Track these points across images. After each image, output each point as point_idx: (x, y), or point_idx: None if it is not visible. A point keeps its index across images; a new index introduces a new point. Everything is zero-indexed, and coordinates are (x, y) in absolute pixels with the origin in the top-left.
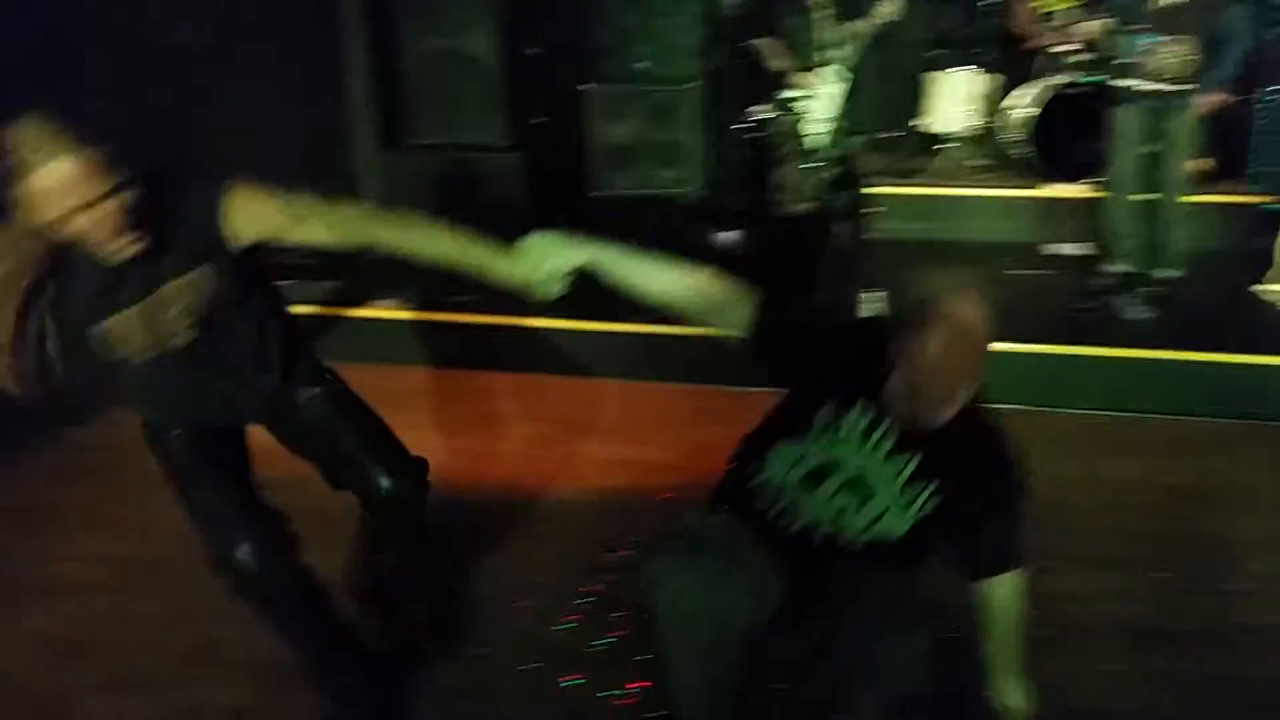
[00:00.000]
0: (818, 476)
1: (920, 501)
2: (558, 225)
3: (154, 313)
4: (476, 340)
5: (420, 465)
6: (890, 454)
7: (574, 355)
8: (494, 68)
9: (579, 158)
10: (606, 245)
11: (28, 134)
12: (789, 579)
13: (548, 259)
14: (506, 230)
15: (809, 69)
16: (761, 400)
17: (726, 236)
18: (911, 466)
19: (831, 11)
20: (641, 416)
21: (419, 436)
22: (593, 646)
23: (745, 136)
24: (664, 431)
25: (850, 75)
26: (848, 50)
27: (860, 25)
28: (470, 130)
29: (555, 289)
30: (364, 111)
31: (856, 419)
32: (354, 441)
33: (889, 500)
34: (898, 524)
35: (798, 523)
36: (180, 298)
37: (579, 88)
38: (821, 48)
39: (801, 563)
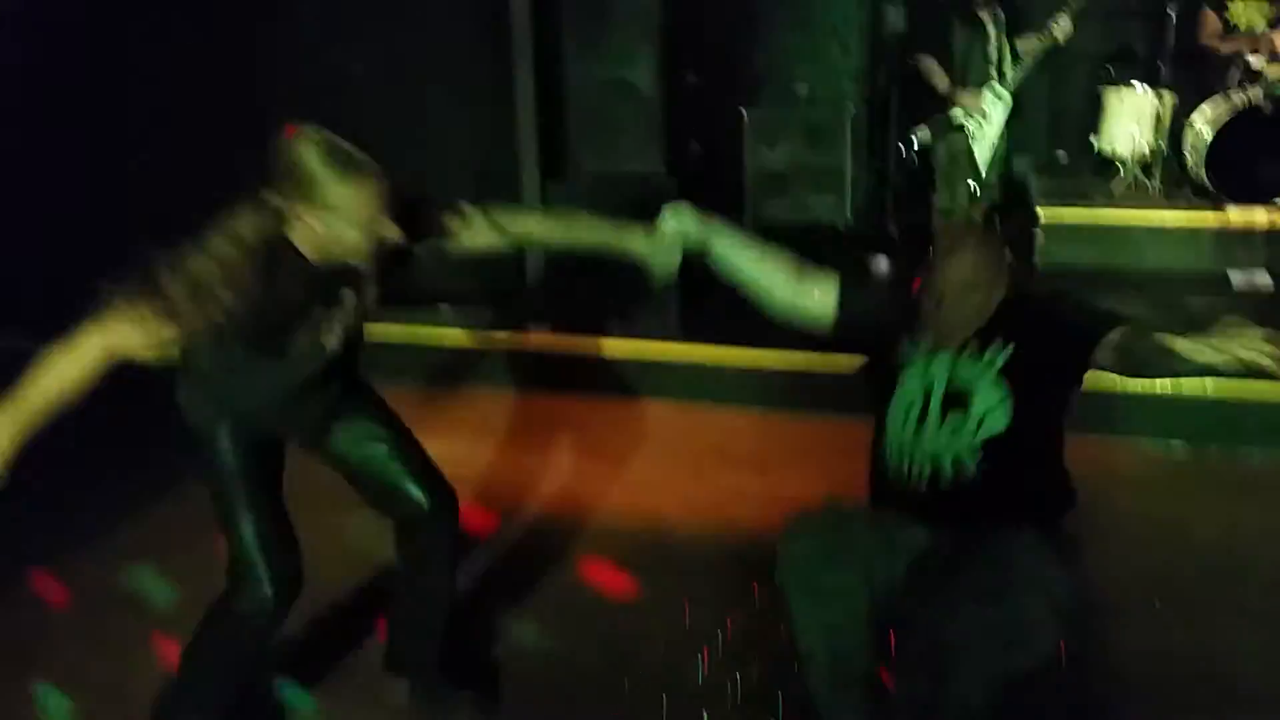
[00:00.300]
0: (923, 413)
1: (1009, 370)
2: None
3: (335, 316)
4: (606, 367)
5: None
6: (967, 355)
7: (712, 385)
8: (654, 96)
9: (737, 183)
10: (724, 227)
11: (317, 146)
12: (926, 540)
13: (672, 224)
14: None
15: (976, 89)
16: None
17: (886, 263)
18: (990, 354)
19: (1001, 30)
20: (785, 449)
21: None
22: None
23: (907, 159)
24: (808, 464)
25: (1015, 95)
26: (1016, 69)
27: (1031, 42)
28: (631, 158)
29: (675, 260)
30: (531, 142)
31: (924, 346)
32: (396, 461)
33: (986, 390)
34: (1001, 412)
35: (925, 471)
36: (354, 304)
37: (739, 111)
38: (989, 66)
39: (937, 518)
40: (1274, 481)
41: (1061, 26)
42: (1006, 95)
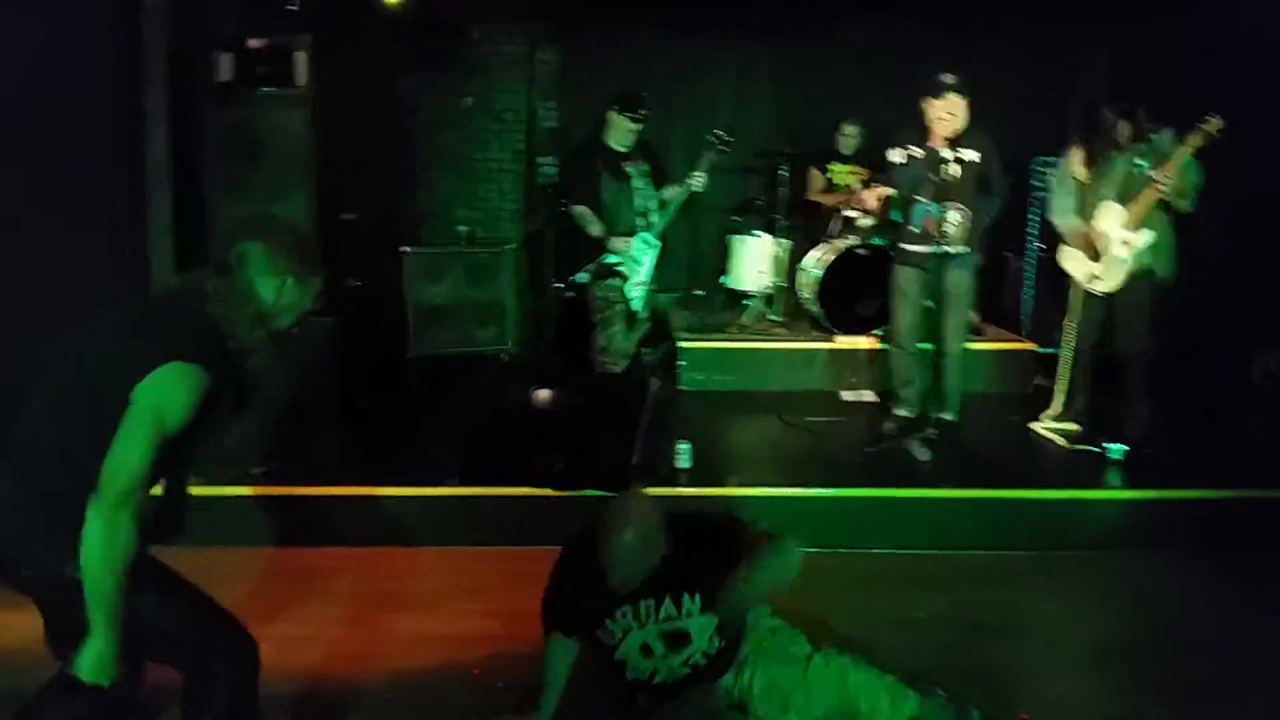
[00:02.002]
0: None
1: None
2: (376, 386)
3: None
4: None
5: None
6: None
7: (374, 524)
8: (308, 233)
9: (397, 320)
10: None
11: None
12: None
13: None
14: (324, 391)
15: (625, 234)
16: None
17: (544, 394)
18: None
19: (646, 181)
20: (452, 585)
21: None
22: None
23: (563, 297)
24: (475, 600)
25: (660, 240)
26: (660, 217)
27: (671, 193)
28: None
29: None
30: (168, 279)
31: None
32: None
33: (696, 626)
34: (714, 634)
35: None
36: None
37: (399, 249)
38: (637, 215)
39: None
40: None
41: (698, 179)
42: (654, 240)
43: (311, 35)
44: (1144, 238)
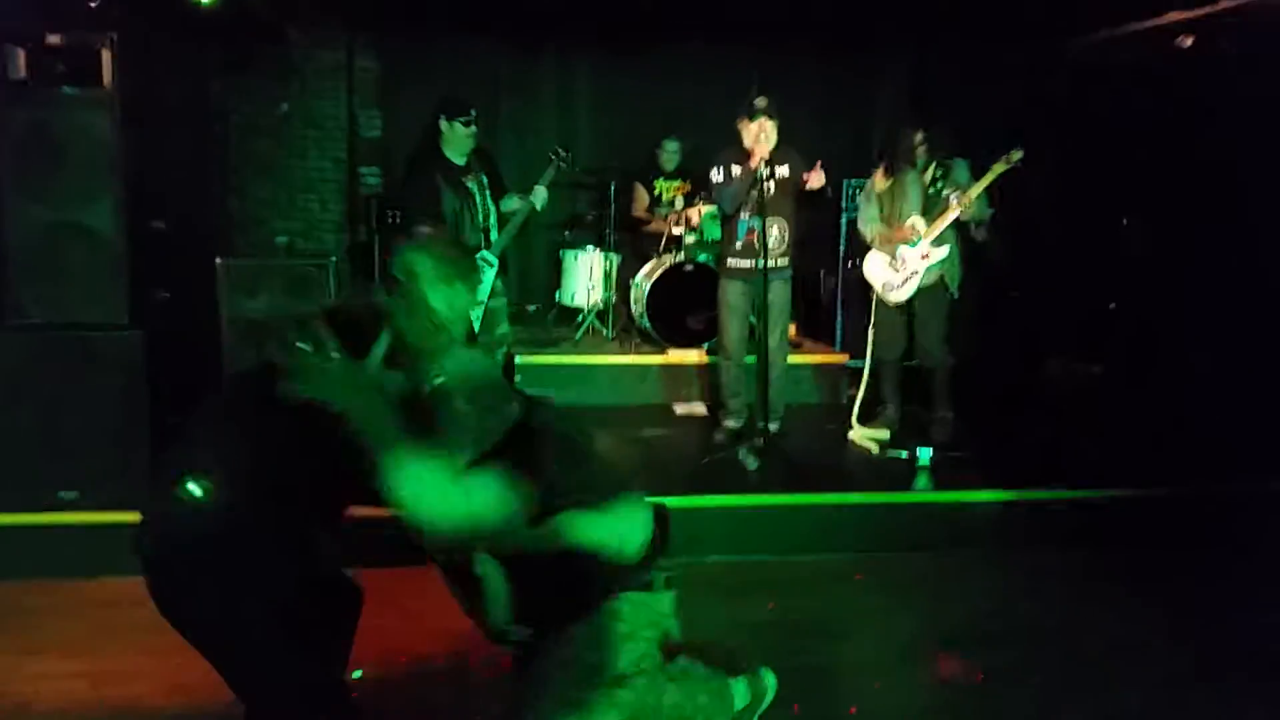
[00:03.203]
0: None
1: None
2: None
3: None
4: None
5: None
6: None
7: None
8: (115, 241)
9: (212, 331)
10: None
11: None
12: None
13: None
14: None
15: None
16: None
17: None
18: None
19: (486, 195)
20: None
21: None
22: None
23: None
24: None
25: (497, 258)
26: (503, 235)
27: (512, 207)
28: (87, 308)
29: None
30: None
31: None
32: None
33: None
34: None
35: None
36: None
37: (215, 261)
38: (479, 230)
39: None
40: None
41: (540, 196)
42: (493, 257)
43: (117, 33)
44: (941, 252)
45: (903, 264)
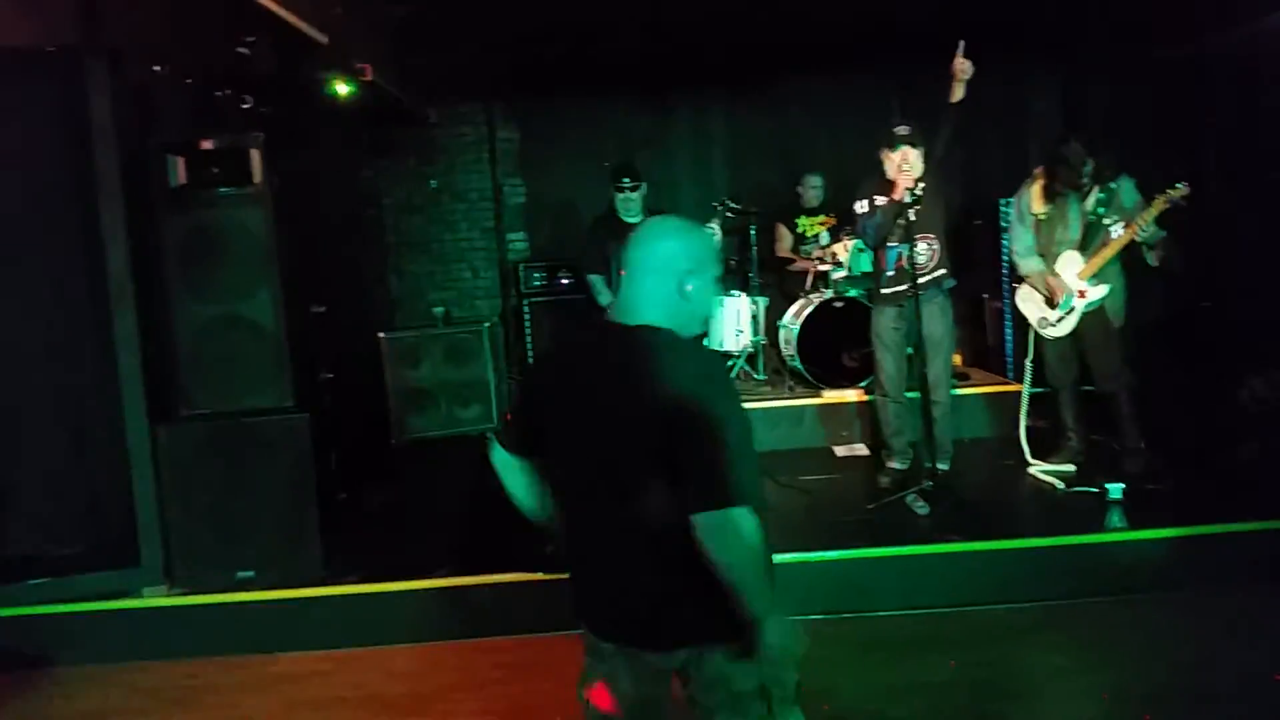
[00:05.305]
0: None
1: None
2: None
3: None
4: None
5: None
6: None
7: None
8: (275, 329)
9: (380, 404)
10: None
11: None
12: None
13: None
14: (298, 489)
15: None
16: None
17: None
18: None
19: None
20: (444, 682)
21: None
22: None
23: None
24: (470, 696)
25: None
26: None
27: None
28: (252, 394)
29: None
30: (135, 386)
31: None
32: None
33: None
34: None
35: None
36: None
37: (378, 336)
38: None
39: None
40: None
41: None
42: None
43: (264, 132)
44: (1099, 292)
45: (1060, 302)
